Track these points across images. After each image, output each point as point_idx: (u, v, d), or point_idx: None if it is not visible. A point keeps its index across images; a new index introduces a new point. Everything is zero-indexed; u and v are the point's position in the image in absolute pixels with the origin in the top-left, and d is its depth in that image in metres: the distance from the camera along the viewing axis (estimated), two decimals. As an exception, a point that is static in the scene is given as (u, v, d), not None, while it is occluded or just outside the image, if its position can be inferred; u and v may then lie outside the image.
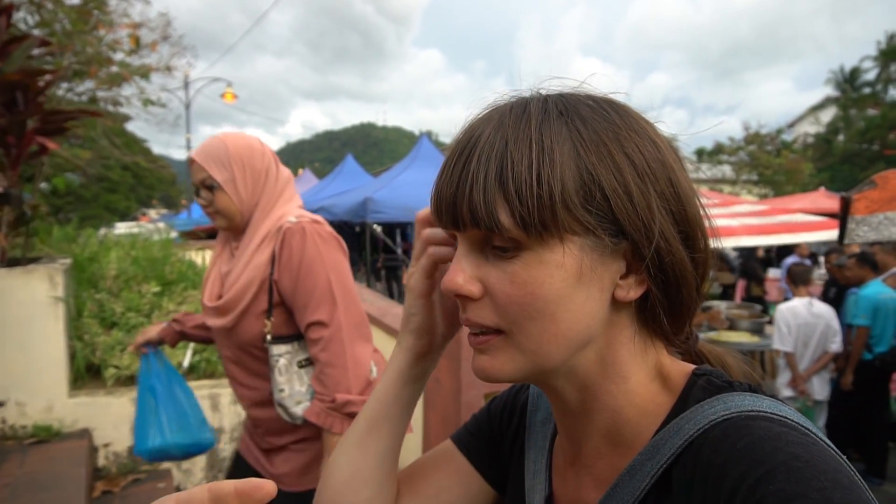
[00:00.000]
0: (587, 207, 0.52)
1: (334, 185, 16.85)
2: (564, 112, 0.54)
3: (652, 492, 0.54)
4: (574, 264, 0.52)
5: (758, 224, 6.55)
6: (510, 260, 0.53)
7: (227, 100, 19.37)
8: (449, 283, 0.55)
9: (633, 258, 0.54)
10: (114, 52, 8.45)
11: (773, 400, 0.53)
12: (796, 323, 4.58)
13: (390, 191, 11.46)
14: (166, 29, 10.00)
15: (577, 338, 0.55)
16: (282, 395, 1.68)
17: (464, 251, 0.56)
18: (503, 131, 0.53)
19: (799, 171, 19.34)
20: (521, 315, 0.53)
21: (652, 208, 0.53)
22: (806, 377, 4.57)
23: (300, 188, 20.21)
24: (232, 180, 1.69)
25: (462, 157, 0.54)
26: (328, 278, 1.65)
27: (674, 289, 0.56)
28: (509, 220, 0.51)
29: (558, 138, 0.52)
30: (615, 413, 0.59)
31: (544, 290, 0.52)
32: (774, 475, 0.43)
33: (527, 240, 0.52)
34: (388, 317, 4.38)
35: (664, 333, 0.60)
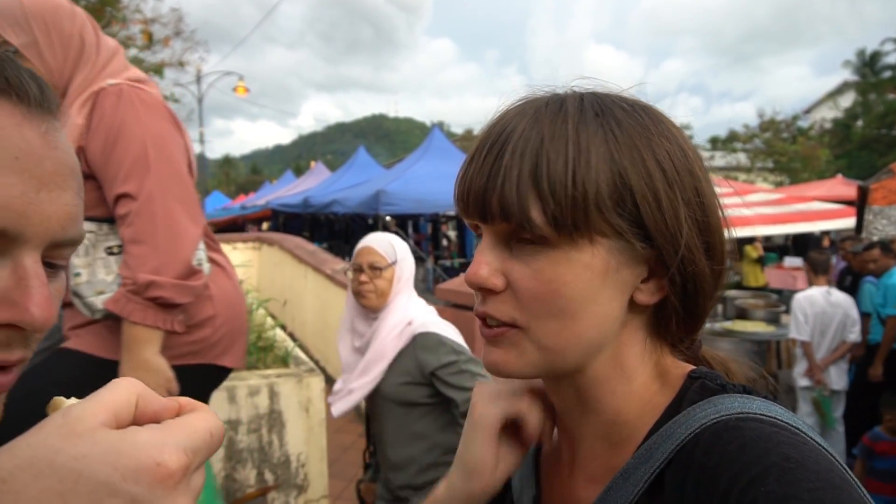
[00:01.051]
0: (618, 211, 0.52)
1: (346, 177, 16.88)
2: (600, 113, 0.54)
3: (645, 495, 0.54)
4: (601, 266, 0.53)
5: (773, 213, 6.48)
6: (536, 256, 0.53)
7: (239, 93, 19.47)
8: (473, 276, 0.55)
9: (656, 264, 0.55)
10: (127, 48, 8.51)
11: (764, 401, 0.53)
12: (813, 312, 4.53)
13: (402, 183, 11.46)
14: (178, 24, 10.07)
15: (594, 339, 0.55)
16: (77, 281, 1.44)
17: (489, 244, 0.56)
18: (539, 127, 0.53)
19: (815, 157, 19.08)
20: (542, 311, 0.53)
21: (680, 218, 0.53)
22: (823, 367, 4.52)
23: (313, 181, 20.33)
24: (34, 44, 1.38)
25: (494, 149, 0.54)
26: (145, 146, 1.41)
27: (691, 297, 0.57)
28: (541, 217, 0.51)
29: (594, 140, 0.52)
30: (616, 413, 0.59)
31: (569, 289, 0.52)
32: (766, 476, 0.44)
33: (556, 238, 0.52)
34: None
35: (672, 338, 0.61)
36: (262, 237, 9.69)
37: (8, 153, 0.43)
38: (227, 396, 3.48)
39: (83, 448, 0.33)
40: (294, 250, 7.65)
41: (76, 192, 0.48)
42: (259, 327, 4.18)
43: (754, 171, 21.08)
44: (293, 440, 3.58)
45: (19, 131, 0.44)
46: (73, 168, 0.49)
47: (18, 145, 0.44)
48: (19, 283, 0.44)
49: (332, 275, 6.02)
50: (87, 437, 0.34)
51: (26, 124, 0.45)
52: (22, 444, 0.33)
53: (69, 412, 0.35)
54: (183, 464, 0.35)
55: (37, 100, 0.46)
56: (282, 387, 3.56)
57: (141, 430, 0.36)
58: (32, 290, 0.44)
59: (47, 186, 0.45)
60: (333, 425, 4.84)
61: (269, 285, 8.79)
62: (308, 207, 15.42)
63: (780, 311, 5.83)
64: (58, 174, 0.46)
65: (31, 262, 0.45)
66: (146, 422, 0.38)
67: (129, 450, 0.34)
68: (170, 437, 0.36)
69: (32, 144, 0.44)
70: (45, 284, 0.46)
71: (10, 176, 0.43)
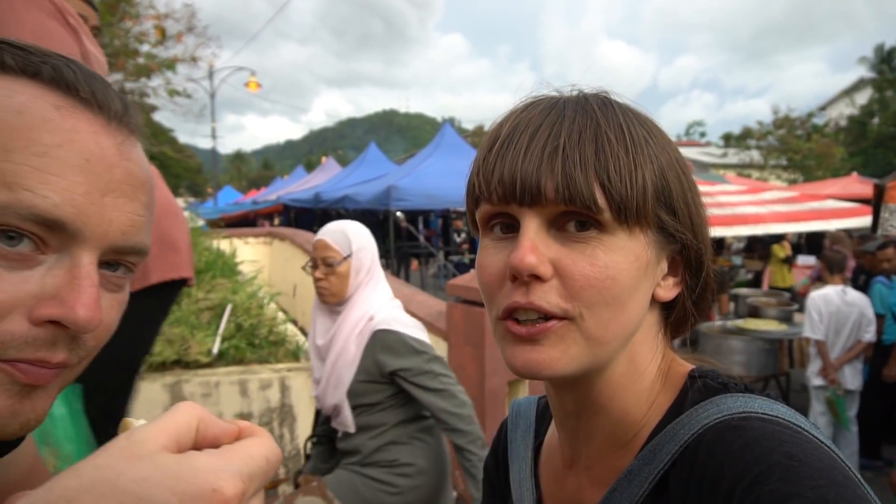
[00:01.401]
0: (662, 204, 0.54)
1: (357, 173, 16.90)
2: (630, 113, 0.56)
3: (650, 496, 0.54)
4: (647, 257, 0.54)
5: (786, 211, 6.42)
6: (590, 242, 0.52)
7: (251, 89, 19.53)
8: (520, 263, 0.51)
9: (676, 260, 0.58)
10: (140, 44, 8.57)
11: (766, 399, 0.53)
12: (828, 311, 4.49)
13: (413, 179, 11.46)
14: (191, 20, 10.11)
15: (632, 331, 0.56)
16: None
17: (533, 228, 0.52)
18: (591, 114, 0.53)
19: (830, 155, 18.87)
20: (597, 299, 0.52)
21: (702, 217, 0.57)
22: (837, 366, 4.48)
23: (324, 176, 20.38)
24: None
25: (542, 132, 0.52)
26: None
27: (700, 294, 0.59)
28: (604, 201, 0.51)
29: (641, 133, 0.54)
30: (624, 412, 0.59)
31: (623, 276, 0.52)
32: (769, 475, 0.44)
33: (614, 224, 0.52)
34: (412, 304, 4.40)
35: (674, 335, 0.63)
36: (274, 232, 9.74)
37: (80, 155, 0.46)
38: (240, 390, 3.51)
39: (144, 471, 0.34)
40: (305, 245, 7.69)
41: (144, 205, 0.51)
42: (270, 322, 4.21)
43: (767, 168, 20.88)
44: (304, 433, 3.60)
45: (95, 138, 0.47)
46: (144, 182, 0.52)
47: (91, 150, 0.47)
48: (71, 281, 0.46)
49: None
50: (147, 460, 0.34)
51: (103, 133, 0.48)
52: (88, 466, 0.34)
53: (132, 435, 0.36)
54: (239, 490, 0.35)
55: (118, 115, 0.50)
56: (293, 380, 3.59)
57: (199, 456, 0.36)
58: (82, 290, 0.46)
59: (113, 192, 0.48)
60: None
61: (281, 280, 8.84)
62: (319, 203, 15.46)
63: (793, 309, 5.78)
64: (125, 183, 0.49)
65: (86, 262, 0.47)
66: (206, 446, 0.38)
67: (188, 475, 0.34)
68: (227, 463, 0.36)
69: (105, 152, 0.48)
70: (96, 286, 0.47)
71: (78, 175, 0.46)
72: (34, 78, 0.47)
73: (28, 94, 0.46)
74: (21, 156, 0.43)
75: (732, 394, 0.54)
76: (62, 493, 0.33)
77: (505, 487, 0.77)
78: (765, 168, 21.03)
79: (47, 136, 0.45)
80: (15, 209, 0.43)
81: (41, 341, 0.46)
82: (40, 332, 0.45)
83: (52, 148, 0.45)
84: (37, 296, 0.45)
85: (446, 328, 3.71)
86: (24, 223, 0.43)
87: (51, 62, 0.47)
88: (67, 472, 0.34)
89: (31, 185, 0.43)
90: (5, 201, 0.42)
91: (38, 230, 0.44)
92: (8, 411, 0.46)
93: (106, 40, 7.46)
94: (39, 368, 0.46)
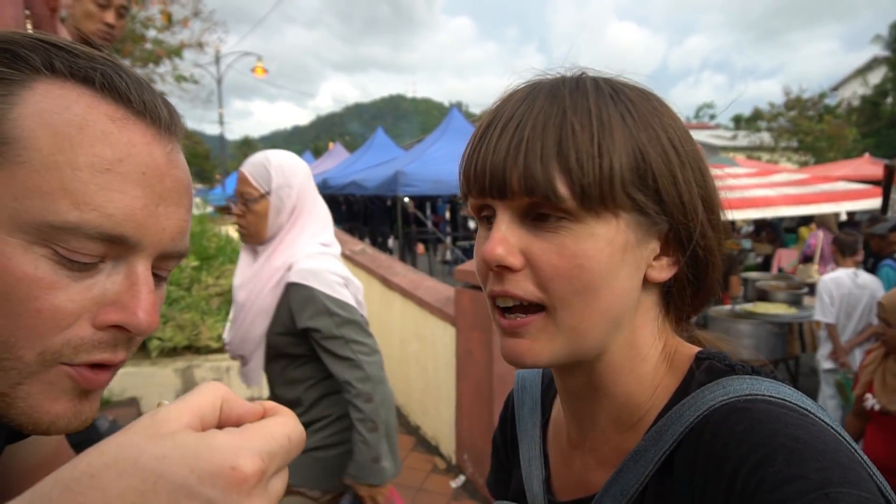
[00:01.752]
0: (638, 185, 0.53)
1: (365, 158, 16.89)
2: (615, 93, 0.55)
3: (655, 476, 0.55)
4: (622, 240, 0.53)
5: (797, 194, 6.37)
6: (558, 231, 0.52)
7: (258, 74, 19.48)
8: (489, 254, 0.53)
9: (669, 240, 0.56)
10: (146, 30, 8.55)
11: (772, 381, 0.53)
12: (839, 294, 4.46)
13: (421, 164, 11.44)
14: (197, 4, 10.07)
15: (615, 316, 0.55)
16: None
17: (505, 220, 0.54)
18: (560, 103, 0.53)
19: (842, 136, 18.61)
20: (567, 288, 0.53)
21: (693, 193, 0.55)
22: (848, 349, 4.46)
23: (331, 162, 20.38)
24: None
25: (511, 124, 0.53)
26: None
27: (703, 272, 0.58)
28: (566, 189, 0.51)
29: (615, 115, 0.53)
30: (628, 396, 0.60)
31: (593, 264, 0.52)
32: (774, 457, 0.44)
33: (580, 212, 0.52)
34: (420, 289, 4.41)
35: (679, 317, 0.62)
36: (282, 218, 9.76)
37: (137, 168, 0.48)
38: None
39: (164, 449, 0.34)
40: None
41: (187, 209, 0.53)
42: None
43: (778, 150, 20.65)
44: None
45: (149, 149, 0.49)
46: (188, 187, 0.54)
47: (147, 162, 0.48)
48: (131, 288, 0.48)
49: (351, 256, 6.06)
50: (169, 438, 0.35)
51: (155, 144, 0.50)
52: (111, 443, 0.35)
53: (157, 414, 0.36)
54: (258, 468, 0.36)
55: (166, 123, 0.51)
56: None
57: (219, 434, 0.37)
58: (141, 296, 0.49)
59: (165, 202, 0.50)
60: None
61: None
62: (326, 189, 15.47)
63: (802, 293, 5.75)
64: (175, 191, 0.51)
65: (142, 269, 0.49)
66: (230, 425, 0.39)
67: (207, 453, 0.35)
68: (246, 442, 0.37)
69: (158, 162, 0.50)
70: (153, 292, 0.50)
71: (136, 189, 0.47)
72: (85, 84, 0.47)
73: (83, 104, 0.47)
74: (87, 173, 0.45)
75: (739, 376, 0.54)
76: (85, 468, 0.34)
77: (512, 461, 0.77)
78: (776, 150, 20.80)
79: (109, 152, 0.46)
80: (84, 230, 0.45)
81: (105, 344, 0.48)
82: (104, 335, 0.48)
83: (115, 163, 0.46)
84: (99, 302, 0.47)
85: (454, 313, 3.73)
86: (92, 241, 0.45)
87: (100, 68, 0.48)
88: (91, 449, 0.35)
89: (98, 204, 0.45)
90: (76, 222, 0.44)
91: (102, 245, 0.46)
92: (72, 412, 0.49)
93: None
94: (98, 374, 0.49)
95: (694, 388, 0.55)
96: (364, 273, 5.67)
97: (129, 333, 0.49)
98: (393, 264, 5.43)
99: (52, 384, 0.47)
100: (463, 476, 3.75)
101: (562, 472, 0.69)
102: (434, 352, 4.19)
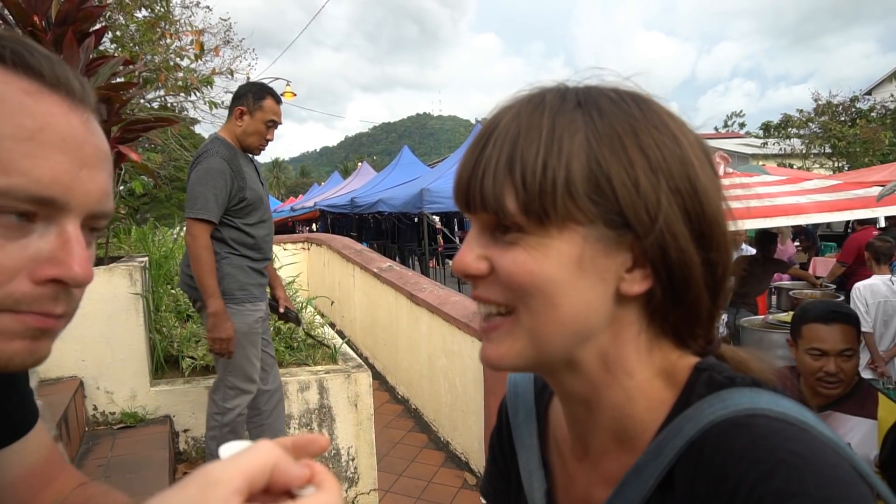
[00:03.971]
0: (593, 198, 0.52)
1: (391, 177, 17.04)
2: (583, 103, 0.54)
3: (656, 492, 0.54)
4: (574, 252, 0.53)
5: (829, 200, 6.22)
6: (514, 243, 0.54)
7: (287, 98, 19.85)
8: (458, 263, 0.57)
9: (640, 252, 0.54)
10: (180, 59, 8.82)
11: (773, 394, 0.52)
12: (875, 301, 4.35)
13: (446, 181, 11.50)
14: (227, 33, 10.36)
15: (577, 326, 0.55)
16: None
17: (475, 232, 0.58)
18: (518, 120, 0.54)
19: (877, 140, 18.11)
20: (522, 295, 0.54)
21: (660, 202, 0.52)
22: (887, 358, 4.34)
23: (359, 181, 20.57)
24: None
25: (480, 143, 0.56)
26: None
27: (679, 286, 0.55)
28: (514, 205, 0.52)
29: (571, 128, 0.52)
30: (619, 410, 0.59)
31: (542, 272, 0.53)
32: (773, 473, 0.44)
33: (528, 225, 0.53)
34: (447, 305, 4.43)
35: (674, 332, 0.59)
36: (311, 238, 9.91)
37: (58, 136, 0.52)
38: (280, 392, 3.57)
39: None
40: (342, 250, 7.80)
41: (108, 174, 0.58)
42: (309, 325, 4.30)
43: (810, 157, 20.16)
44: (343, 434, 3.67)
45: (66, 119, 0.53)
46: (107, 154, 0.58)
47: (66, 130, 0.52)
48: (64, 245, 0.53)
49: (378, 273, 6.12)
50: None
51: (72, 114, 0.54)
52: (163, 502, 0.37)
53: (209, 474, 0.37)
54: None
55: (80, 95, 0.55)
56: (331, 382, 3.65)
57: None
58: (74, 252, 0.53)
59: (87, 166, 0.54)
60: (382, 421, 4.93)
61: (319, 284, 8.98)
62: (355, 208, 15.62)
63: (837, 301, 5.60)
64: (95, 156, 0.55)
65: (73, 228, 0.54)
66: (278, 490, 0.40)
67: None
68: None
69: (77, 130, 0.53)
70: (84, 248, 0.55)
71: (59, 155, 0.52)
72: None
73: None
74: (10, 143, 0.49)
75: (739, 388, 0.53)
76: None
77: (510, 468, 0.77)
78: (807, 157, 20.34)
79: (29, 122, 0.50)
80: (14, 193, 0.49)
81: (45, 297, 0.53)
82: (44, 290, 0.53)
83: (35, 133, 0.50)
84: (34, 259, 0.52)
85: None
86: (21, 203, 0.50)
87: (9, 46, 0.52)
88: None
89: (25, 170, 0.49)
90: (5, 187, 0.49)
91: (31, 206, 0.51)
92: (27, 351, 0.54)
93: (147, 57, 7.72)
94: (46, 317, 0.54)
95: (693, 400, 0.55)
96: (391, 290, 5.72)
97: (67, 286, 0.54)
98: (419, 280, 5.46)
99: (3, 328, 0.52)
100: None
101: (565, 484, 0.68)
102: (462, 367, 4.19)
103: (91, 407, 3.31)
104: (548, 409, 0.74)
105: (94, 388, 3.30)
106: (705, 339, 0.60)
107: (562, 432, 0.69)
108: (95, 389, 3.31)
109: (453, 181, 0.59)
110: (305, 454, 0.44)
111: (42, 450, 0.75)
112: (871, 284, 4.43)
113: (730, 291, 0.59)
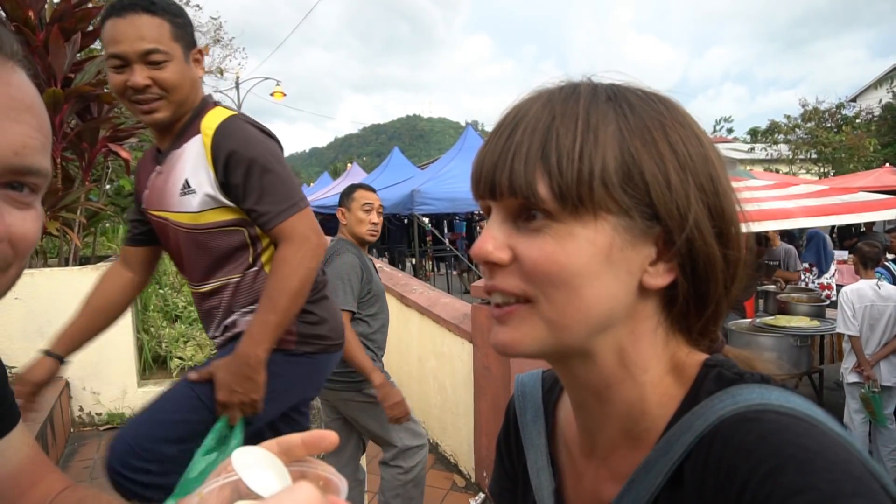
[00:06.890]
0: (625, 189, 0.53)
1: (382, 178, 17.01)
2: (613, 97, 0.56)
3: (666, 488, 0.54)
4: (604, 242, 0.53)
5: (816, 205, 6.29)
6: (541, 231, 0.54)
7: (277, 98, 19.82)
8: (478, 250, 0.56)
9: (665, 245, 0.55)
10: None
11: (782, 390, 0.53)
12: (861, 305, 4.40)
13: (436, 182, 11.51)
14: (217, 32, 10.31)
15: (599, 316, 0.55)
16: None
17: (497, 219, 0.57)
18: (551, 107, 0.55)
19: (862, 147, 18.35)
20: (547, 283, 0.54)
21: (689, 197, 0.54)
22: (873, 362, 4.38)
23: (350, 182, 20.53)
24: None
25: (506, 129, 0.56)
26: None
27: (702, 281, 0.56)
28: (547, 191, 0.52)
29: (605, 119, 0.54)
30: (630, 405, 0.59)
31: (571, 261, 0.53)
32: (784, 468, 0.44)
33: (560, 212, 0.53)
34: (437, 306, 4.43)
35: (687, 329, 0.60)
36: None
37: None
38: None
39: None
40: (331, 251, 7.76)
41: (31, 126, 0.52)
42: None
43: (797, 162, 20.37)
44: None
45: None
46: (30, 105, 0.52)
47: None
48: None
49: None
50: None
51: None
52: None
53: None
54: None
55: None
56: (321, 384, 3.63)
57: None
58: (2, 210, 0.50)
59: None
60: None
61: (308, 285, 8.92)
62: (345, 208, 15.52)
63: (824, 305, 5.66)
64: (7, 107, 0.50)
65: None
66: None
67: None
68: None
69: None
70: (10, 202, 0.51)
71: None
72: None
73: None
74: None
75: (748, 384, 0.53)
76: None
77: (517, 467, 0.77)
78: (794, 162, 20.55)
79: None
80: None
81: None
82: None
83: None
84: None
85: (472, 330, 3.73)
86: None
87: None
88: None
89: None
90: None
91: None
92: None
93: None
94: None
95: (703, 396, 0.55)
96: (381, 291, 5.69)
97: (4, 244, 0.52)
98: (409, 282, 5.45)
99: None
100: (482, 493, 3.72)
101: (573, 482, 0.68)
102: (452, 369, 4.19)
103: (77, 408, 3.28)
104: (556, 408, 0.75)
105: (80, 389, 3.26)
106: (711, 337, 0.61)
107: (570, 431, 0.70)
108: (81, 390, 3.27)
109: (474, 168, 0.59)
110: (316, 450, 0.44)
111: (26, 449, 0.74)
112: (857, 288, 4.48)
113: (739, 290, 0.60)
